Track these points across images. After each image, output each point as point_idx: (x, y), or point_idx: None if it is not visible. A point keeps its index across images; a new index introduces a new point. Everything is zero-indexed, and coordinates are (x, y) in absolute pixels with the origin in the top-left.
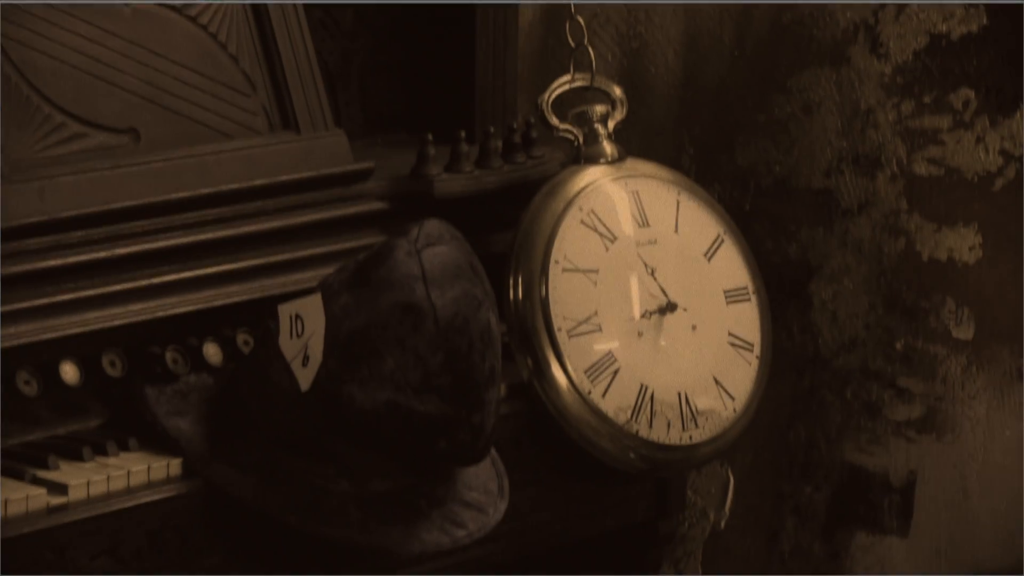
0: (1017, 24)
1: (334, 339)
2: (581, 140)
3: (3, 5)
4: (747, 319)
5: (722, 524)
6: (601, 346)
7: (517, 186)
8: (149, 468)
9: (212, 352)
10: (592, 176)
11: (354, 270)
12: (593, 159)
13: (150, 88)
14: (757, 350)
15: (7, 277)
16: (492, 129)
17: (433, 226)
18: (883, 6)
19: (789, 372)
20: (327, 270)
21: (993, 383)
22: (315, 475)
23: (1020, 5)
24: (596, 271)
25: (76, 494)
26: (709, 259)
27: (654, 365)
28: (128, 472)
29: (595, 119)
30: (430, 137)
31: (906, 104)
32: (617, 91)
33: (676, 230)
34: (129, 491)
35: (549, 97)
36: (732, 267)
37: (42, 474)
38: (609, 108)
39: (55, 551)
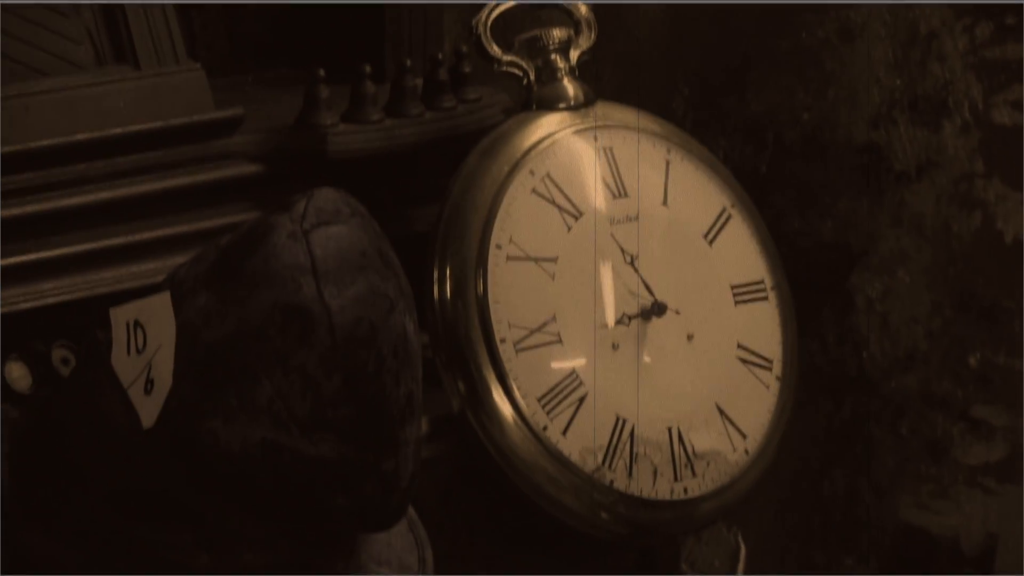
0: None
1: (189, 356)
2: (533, 77)
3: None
4: (763, 325)
5: None
6: (561, 364)
7: (444, 141)
8: None
9: (17, 374)
10: (548, 127)
11: (216, 260)
12: (550, 103)
13: None
14: (777, 368)
15: None
16: (408, 62)
17: (326, 198)
18: None
19: (822, 399)
20: (178, 259)
21: None
22: (165, 546)
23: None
24: (554, 260)
25: None
26: (711, 242)
27: (634, 390)
28: None
29: (552, 47)
30: (322, 73)
31: (982, 27)
32: (583, 9)
33: (665, 202)
34: None
35: (488, 17)
36: (742, 254)
37: None
38: (572, 33)
39: None
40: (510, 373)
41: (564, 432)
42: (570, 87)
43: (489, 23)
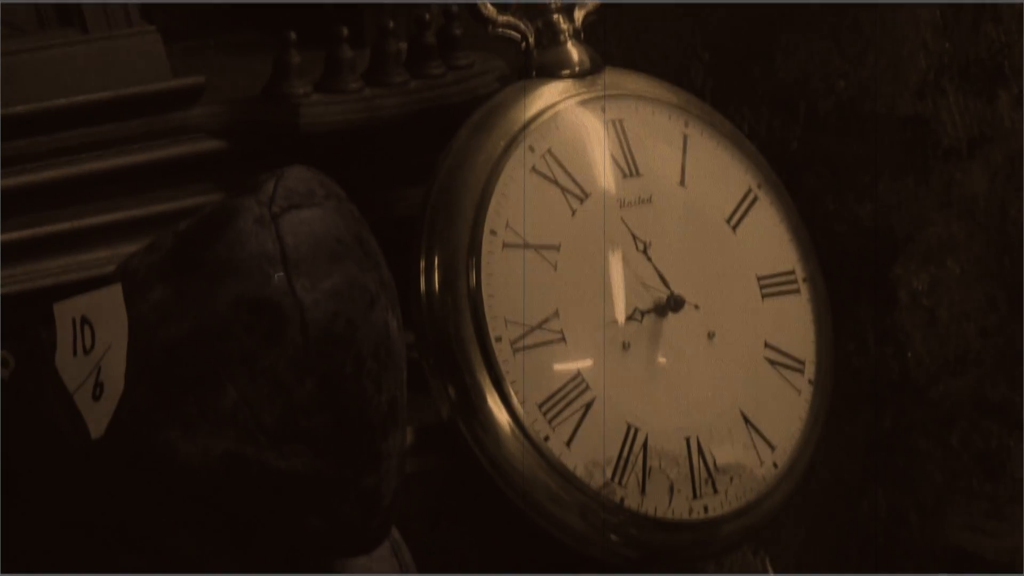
0: None
1: (143, 357)
2: (532, 40)
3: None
4: (794, 322)
5: None
6: (565, 365)
7: (431, 113)
8: None
9: None
10: (550, 97)
11: (173, 248)
12: (551, 70)
13: None
14: (810, 371)
15: None
16: (391, 24)
17: (298, 178)
18: None
19: (861, 406)
20: (130, 247)
21: None
22: (117, 572)
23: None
24: (557, 247)
25: None
26: (735, 228)
27: (648, 395)
28: None
29: (554, 7)
30: (293, 36)
31: None
32: None
33: (682, 182)
34: None
35: None
36: (770, 241)
37: None
38: None
39: None
40: (507, 376)
41: (568, 443)
42: (574, 52)
43: None
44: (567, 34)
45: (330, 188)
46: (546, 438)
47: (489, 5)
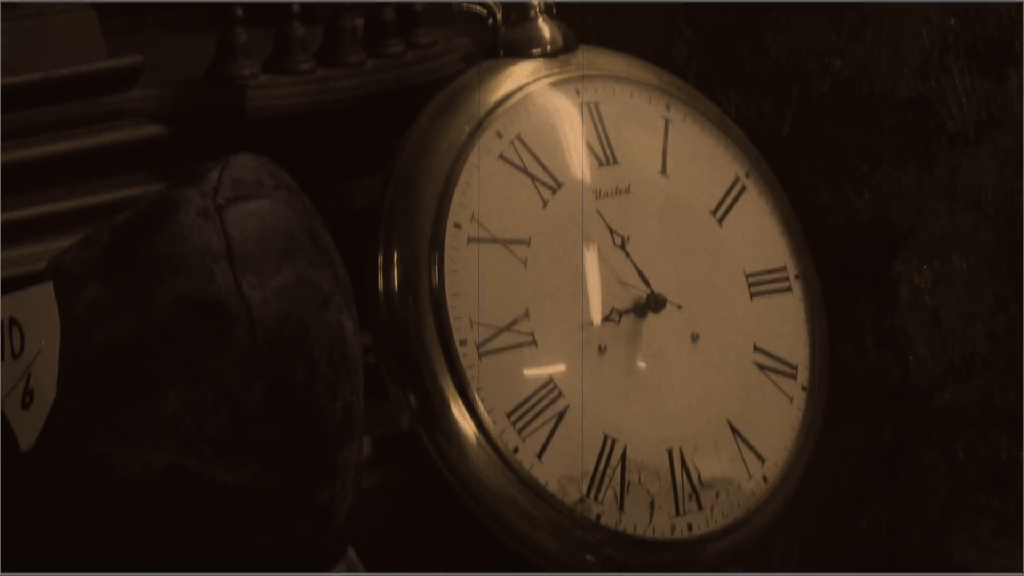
0: None
1: (77, 361)
2: (500, 16)
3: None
4: (785, 324)
5: None
6: (536, 370)
7: (390, 96)
8: None
9: None
10: (519, 78)
11: (109, 243)
12: (521, 49)
13: None
14: (803, 376)
15: None
16: None
17: (244, 167)
18: None
19: (859, 414)
20: (63, 243)
21: None
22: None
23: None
24: (527, 242)
25: None
26: (721, 221)
27: (627, 403)
28: None
29: None
30: (239, 12)
31: None
32: None
33: (664, 171)
34: None
35: None
36: (759, 235)
37: None
38: None
39: None
40: (472, 382)
41: (539, 455)
42: (546, 28)
43: None
44: (538, 9)
45: (280, 178)
46: (515, 450)
47: None
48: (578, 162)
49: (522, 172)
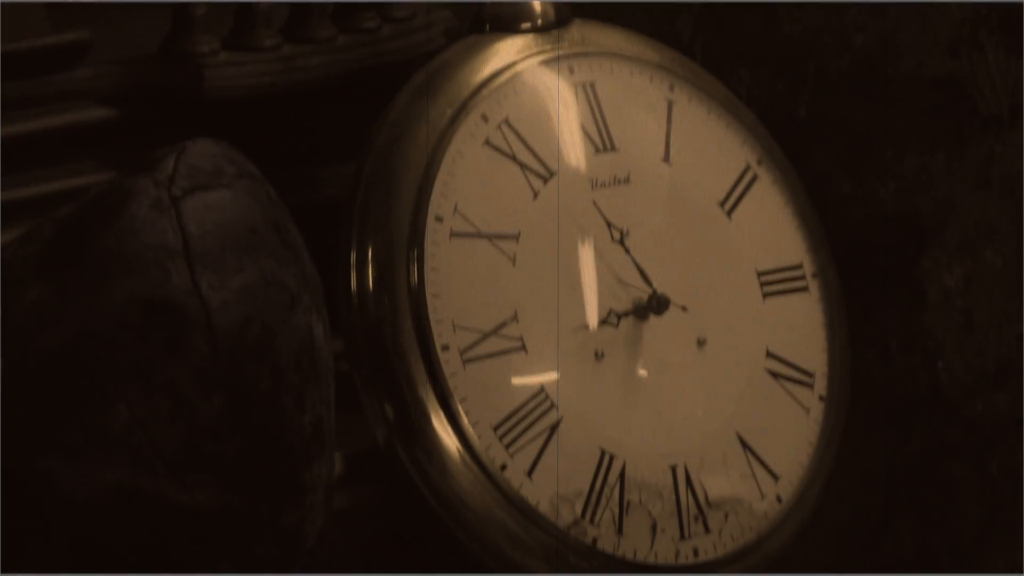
0: None
1: (18, 368)
2: None
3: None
4: (801, 327)
5: None
6: (525, 379)
7: (364, 75)
8: None
9: None
10: (507, 56)
11: (53, 239)
12: (508, 23)
13: None
14: (820, 385)
15: None
16: None
17: (203, 154)
18: None
19: (883, 427)
20: (2, 237)
21: None
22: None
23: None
24: (515, 237)
25: None
26: (730, 213)
27: (626, 415)
28: None
29: None
30: None
31: None
32: None
33: (667, 158)
34: None
35: None
36: (773, 229)
37: None
38: None
39: None
40: (455, 392)
41: (529, 473)
42: (536, 2)
43: None
44: None
45: (242, 166)
46: (503, 467)
47: None
48: (572, 149)
49: (510, 160)
